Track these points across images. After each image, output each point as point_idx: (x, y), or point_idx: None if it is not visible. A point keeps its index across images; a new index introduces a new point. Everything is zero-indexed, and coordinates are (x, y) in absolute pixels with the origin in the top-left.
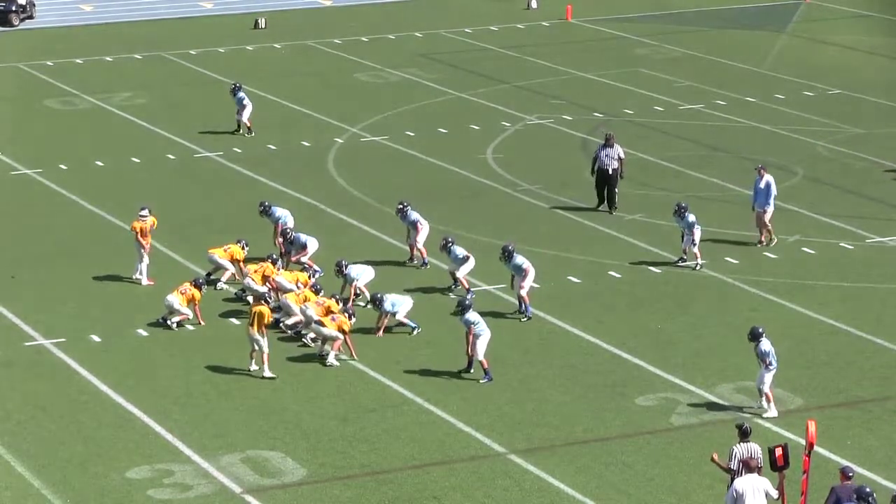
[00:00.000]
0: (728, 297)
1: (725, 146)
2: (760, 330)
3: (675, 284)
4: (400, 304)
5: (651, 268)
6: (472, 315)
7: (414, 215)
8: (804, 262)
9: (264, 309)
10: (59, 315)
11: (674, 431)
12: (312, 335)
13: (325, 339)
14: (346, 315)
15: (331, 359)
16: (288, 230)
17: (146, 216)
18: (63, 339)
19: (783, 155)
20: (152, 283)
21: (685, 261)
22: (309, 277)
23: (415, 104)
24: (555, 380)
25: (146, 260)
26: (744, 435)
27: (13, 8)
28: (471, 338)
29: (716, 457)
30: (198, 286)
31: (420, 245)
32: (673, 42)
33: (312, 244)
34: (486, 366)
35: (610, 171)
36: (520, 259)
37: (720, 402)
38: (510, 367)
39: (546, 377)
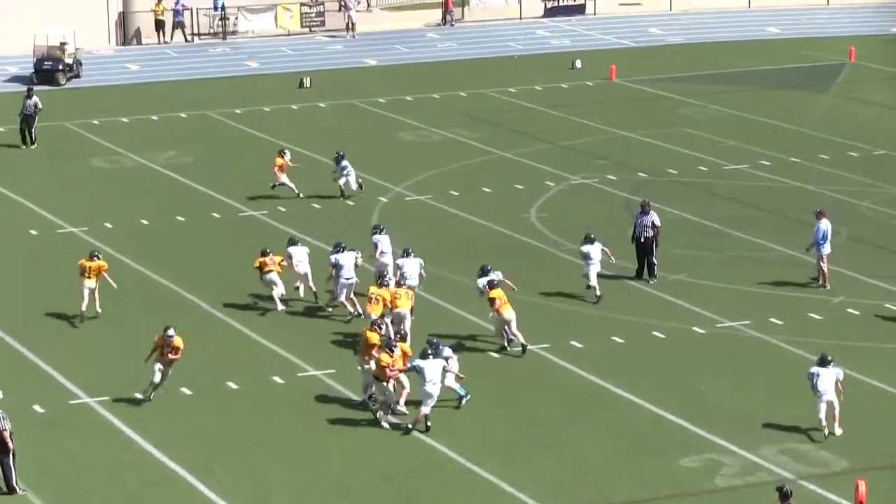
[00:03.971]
0: (773, 358)
1: (769, 206)
2: (829, 358)
3: (719, 345)
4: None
5: (695, 328)
6: None
7: (377, 239)
8: (849, 322)
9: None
10: (103, 373)
11: (718, 493)
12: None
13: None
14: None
15: (386, 419)
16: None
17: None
18: (106, 398)
19: (827, 215)
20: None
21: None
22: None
23: (459, 163)
24: (598, 439)
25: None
26: (784, 497)
27: (60, 67)
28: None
29: None
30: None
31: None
32: (717, 102)
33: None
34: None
35: (642, 240)
36: (493, 276)
37: (765, 463)
38: (553, 425)
39: (589, 436)
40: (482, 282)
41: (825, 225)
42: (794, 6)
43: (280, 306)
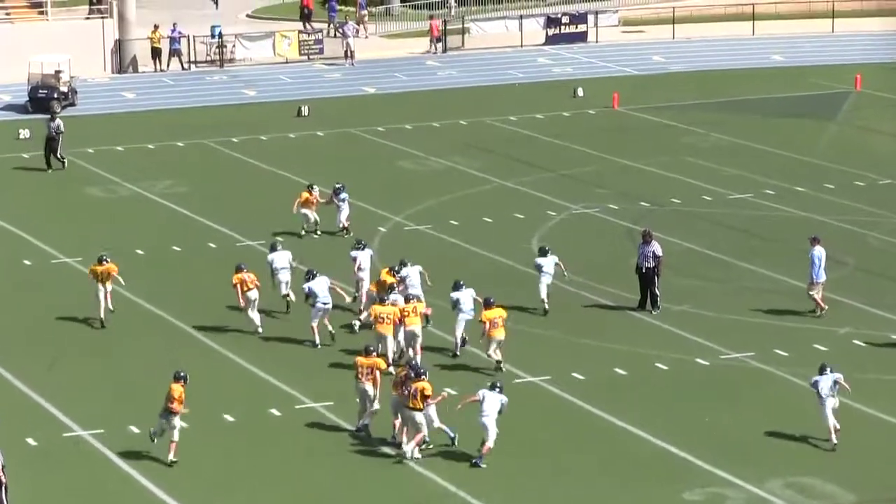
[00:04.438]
0: (778, 390)
1: (774, 236)
2: (827, 366)
3: (723, 376)
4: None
5: (698, 359)
6: None
7: (355, 254)
8: (855, 354)
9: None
10: (99, 405)
11: None
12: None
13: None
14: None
15: (411, 451)
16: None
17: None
18: (101, 430)
19: (833, 245)
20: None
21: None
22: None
23: (459, 192)
24: (600, 472)
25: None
26: None
27: (55, 95)
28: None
29: None
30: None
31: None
32: (721, 130)
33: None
34: None
35: (644, 270)
36: (458, 295)
37: (770, 497)
38: (554, 458)
39: (591, 469)
40: (456, 296)
41: (819, 252)
42: (798, 34)
43: (259, 327)
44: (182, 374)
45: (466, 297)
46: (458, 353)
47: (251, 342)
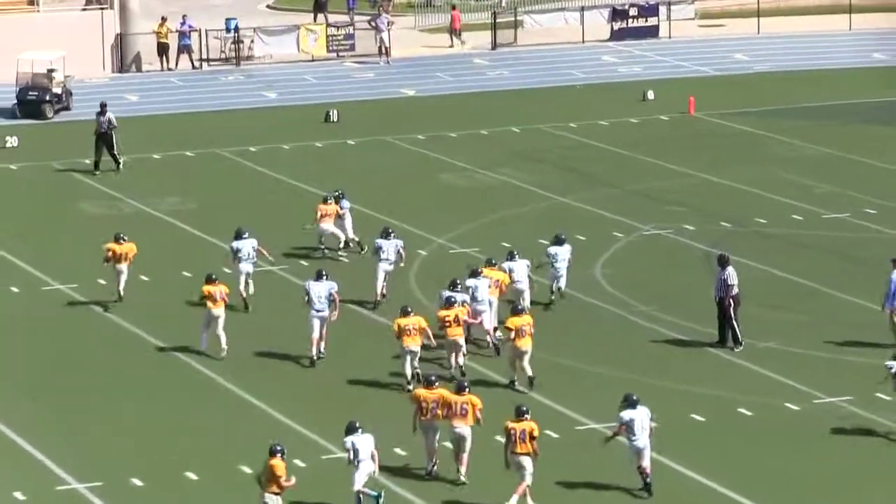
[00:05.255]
0: (879, 441)
1: (875, 261)
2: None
3: (816, 424)
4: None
5: (788, 404)
6: None
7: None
8: None
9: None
10: (96, 454)
11: None
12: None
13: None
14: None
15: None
16: None
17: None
18: (99, 483)
19: None
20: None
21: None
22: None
23: (511, 210)
24: None
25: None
26: None
27: (47, 98)
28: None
29: None
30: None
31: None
32: (813, 139)
33: None
34: None
35: (717, 300)
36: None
37: None
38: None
39: None
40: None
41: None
42: None
43: (203, 347)
44: (279, 447)
45: (483, 286)
46: (497, 343)
47: (272, 383)
